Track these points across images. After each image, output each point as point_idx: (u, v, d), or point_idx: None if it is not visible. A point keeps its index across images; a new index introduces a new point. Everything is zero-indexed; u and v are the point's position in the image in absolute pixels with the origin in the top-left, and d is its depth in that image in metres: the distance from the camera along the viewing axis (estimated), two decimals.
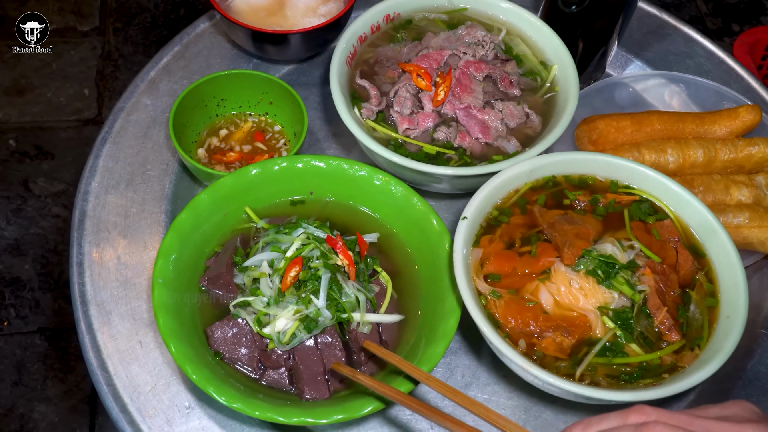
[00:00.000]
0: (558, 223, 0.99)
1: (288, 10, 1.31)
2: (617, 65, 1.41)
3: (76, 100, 2.56)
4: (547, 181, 1.06)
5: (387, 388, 0.85)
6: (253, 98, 1.24)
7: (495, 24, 1.26)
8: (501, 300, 0.94)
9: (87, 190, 1.16)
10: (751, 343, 1.09)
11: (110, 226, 1.13)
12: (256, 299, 0.97)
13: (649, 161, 1.13)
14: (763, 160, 1.15)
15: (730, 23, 2.87)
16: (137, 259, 1.11)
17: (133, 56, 2.68)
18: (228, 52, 1.36)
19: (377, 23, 1.23)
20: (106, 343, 1.03)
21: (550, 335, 0.91)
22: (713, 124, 1.20)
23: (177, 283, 0.98)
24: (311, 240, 1.00)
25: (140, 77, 1.30)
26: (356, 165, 1.08)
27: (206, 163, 1.20)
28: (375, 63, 1.21)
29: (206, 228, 1.04)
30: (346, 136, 1.27)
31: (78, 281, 1.08)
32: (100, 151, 1.20)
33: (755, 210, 1.11)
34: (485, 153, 1.12)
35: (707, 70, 1.40)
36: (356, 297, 0.97)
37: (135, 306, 1.07)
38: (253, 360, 0.96)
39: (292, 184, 1.09)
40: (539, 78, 1.21)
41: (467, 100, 1.15)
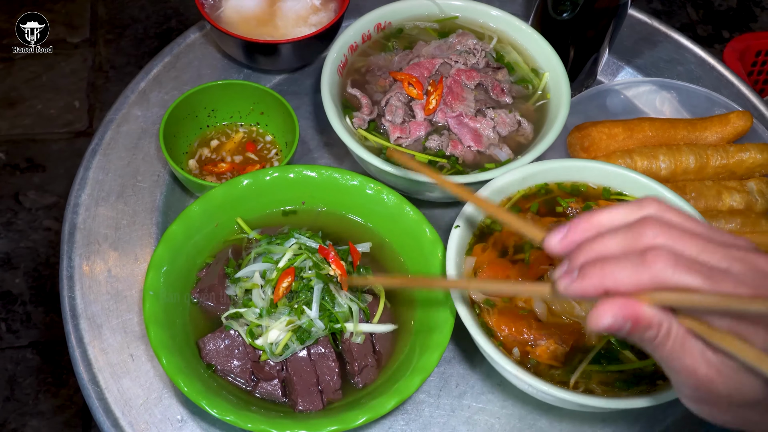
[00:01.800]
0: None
1: (279, 20, 1.31)
2: (608, 72, 1.41)
3: (66, 112, 2.55)
4: (539, 189, 1.06)
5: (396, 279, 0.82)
6: (245, 108, 1.24)
7: (486, 32, 1.26)
8: (494, 308, 0.93)
9: (77, 203, 1.15)
10: None
11: (101, 239, 1.12)
12: (248, 310, 0.96)
13: (641, 168, 1.13)
14: (754, 166, 1.16)
15: (721, 30, 2.89)
16: (128, 272, 1.10)
17: (125, 68, 2.68)
18: (219, 62, 1.35)
19: (368, 32, 1.23)
20: (97, 357, 1.02)
21: (544, 343, 0.90)
22: (704, 131, 1.20)
23: (168, 295, 0.97)
24: (303, 250, 0.99)
25: (130, 88, 1.29)
26: (348, 174, 1.08)
27: (197, 174, 1.19)
28: (366, 72, 1.21)
29: (198, 239, 1.03)
30: (338, 145, 1.27)
31: (68, 295, 1.07)
32: (90, 163, 1.19)
33: (747, 216, 1.12)
34: (477, 161, 1.12)
35: (698, 77, 1.40)
36: (349, 307, 0.97)
37: (126, 319, 1.06)
38: (245, 372, 0.96)
39: (283, 195, 1.09)
40: (531, 86, 1.21)
41: (459, 109, 1.15)
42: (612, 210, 0.65)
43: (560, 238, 0.66)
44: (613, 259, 0.61)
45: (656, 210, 0.63)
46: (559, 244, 0.66)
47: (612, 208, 0.65)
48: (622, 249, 0.62)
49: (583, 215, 0.66)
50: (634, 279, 0.60)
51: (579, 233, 0.65)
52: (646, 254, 0.60)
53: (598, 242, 0.63)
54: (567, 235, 0.65)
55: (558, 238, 0.66)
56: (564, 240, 0.65)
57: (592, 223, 0.65)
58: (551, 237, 0.66)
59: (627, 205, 0.65)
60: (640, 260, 0.60)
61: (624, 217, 0.64)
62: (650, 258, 0.60)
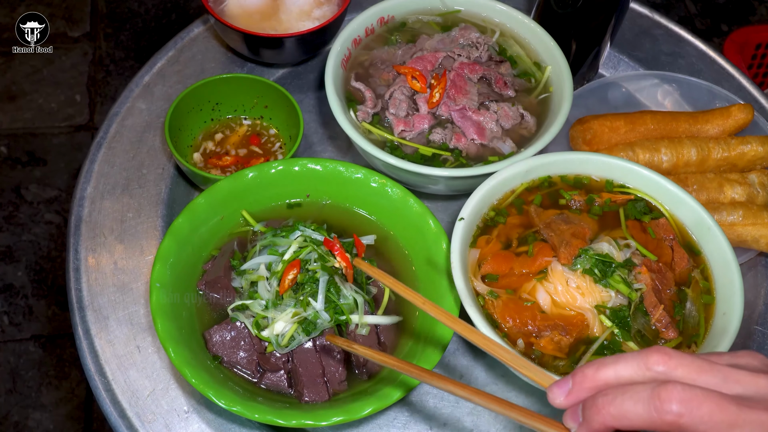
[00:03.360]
0: (554, 223, 1.00)
1: (282, 14, 1.31)
2: (610, 66, 1.42)
3: (67, 106, 2.55)
4: (542, 182, 1.06)
5: (386, 357, 0.77)
6: (249, 102, 1.24)
7: (489, 26, 1.27)
8: (499, 300, 0.94)
9: (83, 196, 1.16)
10: (746, 340, 1.10)
11: (106, 231, 1.13)
12: (254, 302, 0.97)
13: (643, 160, 1.14)
14: (755, 158, 1.16)
15: (719, 23, 2.90)
16: (134, 264, 1.10)
17: (125, 61, 2.68)
18: (222, 56, 1.36)
19: (371, 26, 1.24)
20: (104, 349, 1.03)
21: (548, 334, 0.91)
22: (706, 123, 1.21)
23: (175, 287, 0.97)
24: (308, 243, 1.00)
25: (135, 82, 1.30)
26: (352, 167, 1.08)
27: (202, 167, 1.20)
28: (370, 65, 1.21)
29: (203, 232, 1.04)
30: (342, 138, 1.27)
31: (75, 287, 1.08)
32: (95, 156, 1.20)
33: (749, 208, 1.12)
34: (481, 154, 1.13)
35: (699, 70, 1.41)
36: (354, 299, 0.97)
37: (132, 311, 1.06)
38: (251, 363, 0.96)
39: (288, 187, 1.09)
40: (533, 79, 1.22)
41: (462, 102, 1.15)
42: (617, 365, 0.62)
43: (565, 393, 0.65)
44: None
45: (666, 367, 0.61)
46: (564, 401, 0.65)
47: (617, 363, 0.62)
48: (648, 418, 0.59)
49: (587, 369, 0.63)
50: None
51: (584, 392, 0.64)
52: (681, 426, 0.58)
53: (615, 405, 0.60)
54: (572, 391, 0.64)
55: (562, 393, 0.65)
56: (569, 397, 0.65)
57: (597, 381, 0.63)
58: (555, 391, 0.65)
59: (631, 360, 0.62)
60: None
61: (632, 373, 0.62)
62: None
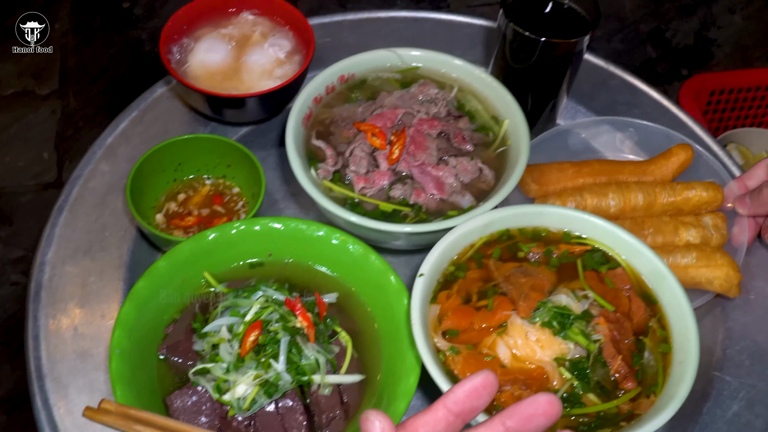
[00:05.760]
0: (513, 276, 1.01)
1: (244, 74, 1.33)
2: (568, 116, 1.45)
3: (35, 164, 2.54)
4: (501, 235, 1.08)
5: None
6: (211, 162, 1.25)
7: (447, 81, 1.30)
8: (459, 356, 0.94)
9: (43, 261, 1.15)
10: (706, 386, 1.11)
11: (67, 297, 1.12)
12: (215, 366, 0.96)
13: (591, 205, 1.16)
14: (700, 203, 1.20)
15: (679, 68, 2.98)
16: (95, 330, 1.09)
17: (94, 117, 2.68)
18: (185, 115, 1.37)
19: (332, 84, 1.26)
20: (63, 419, 1.01)
21: (509, 389, 0.91)
22: (650, 164, 1.25)
23: (135, 352, 0.97)
24: (270, 303, 1.00)
25: (98, 144, 1.30)
26: (314, 225, 1.09)
27: (165, 228, 1.20)
28: (331, 123, 1.23)
29: (165, 295, 1.04)
30: (304, 195, 1.27)
31: (34, 355, 1.06)
32: (56, 220, 1.20)
33: (702, 250, 1.15)
34: (441, 209, 1.14)
35: (654, 118, 1.44)
36: (316, 359, 0.97)
37: (93, 378, 1.05)
38: (213, 428, 0.95)
39: (250, 247, 1.10)
40: (491, 133, 1.24)
41: (422, 158, 1.17)
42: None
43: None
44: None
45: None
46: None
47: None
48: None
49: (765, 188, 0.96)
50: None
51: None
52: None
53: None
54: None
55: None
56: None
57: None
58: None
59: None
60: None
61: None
62: None
